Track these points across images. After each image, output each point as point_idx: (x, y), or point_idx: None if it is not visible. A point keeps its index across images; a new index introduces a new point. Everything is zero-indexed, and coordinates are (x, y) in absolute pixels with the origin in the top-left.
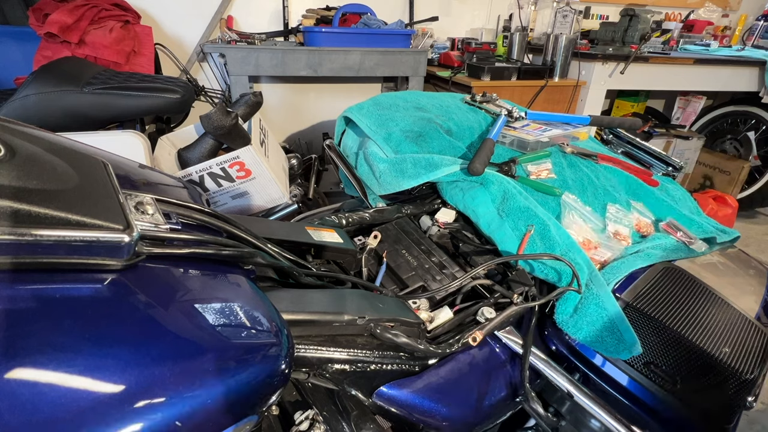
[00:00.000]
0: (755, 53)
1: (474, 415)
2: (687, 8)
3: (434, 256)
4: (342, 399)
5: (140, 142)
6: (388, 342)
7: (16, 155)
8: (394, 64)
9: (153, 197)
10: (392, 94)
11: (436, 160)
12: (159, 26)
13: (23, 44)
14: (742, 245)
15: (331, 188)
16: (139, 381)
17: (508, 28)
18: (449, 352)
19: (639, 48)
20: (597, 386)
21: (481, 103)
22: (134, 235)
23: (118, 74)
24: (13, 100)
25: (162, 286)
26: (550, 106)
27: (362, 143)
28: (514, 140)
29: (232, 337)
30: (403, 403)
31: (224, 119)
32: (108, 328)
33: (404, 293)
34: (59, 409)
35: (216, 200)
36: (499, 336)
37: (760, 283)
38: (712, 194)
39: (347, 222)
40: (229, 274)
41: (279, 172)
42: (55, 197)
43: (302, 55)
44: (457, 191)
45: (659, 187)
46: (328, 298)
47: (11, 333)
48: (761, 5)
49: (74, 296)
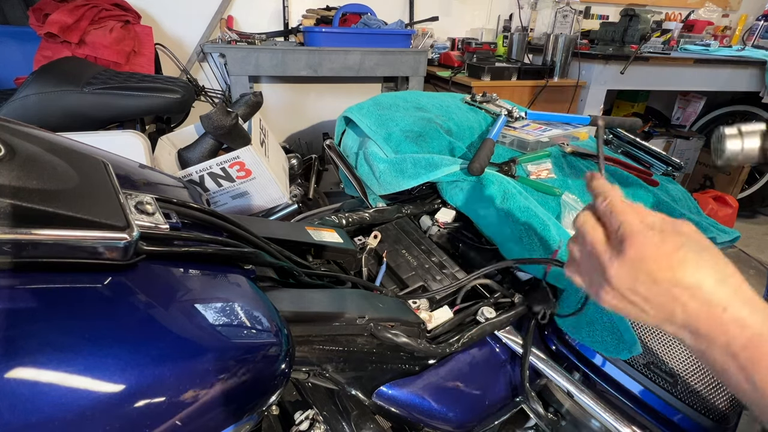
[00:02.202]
0: (755, 53)
1: (474, 414)
2: (687, 8)
3: (434, 256)
4: (342, 399)
5: (140, 142)
6: (388, 342)
7: (16, 155)
8: (394, 64)
9: (153, 197)
10: (392, 94)
11: (436, 160)
12: (159, 26)
13: (23, 44)
14: (742, 245)
15: (331, 188)
16: (139, 381)
17: (508, 28)
18: (449, 352)
19: (639, 48)
20: (597, 386)
21: (481, 103)
22: (134, 234)
23: (118, 74)
24: (13, 100)
25: (162, 285)
26: (550, 106)
27: (362, 143)
28: (514, 140)
29: (232, 337)
30: (403, 403)
31: (224, 119)
32: (108, 327)
33: (404, 293)
34: (59, 409)
35: (216, 200)
36: (499, 336)
37: (760, 283)
38: (712, 194)
39: (347, 222)
40: (229, 274)
41: (279, 172)
42: (56, 197)
43: (302, 55)
44: (457, 191)
45: (659, 187)
46: (328, 298)
47: (11, 333)
48: (761, 5)
49: (74, 296)
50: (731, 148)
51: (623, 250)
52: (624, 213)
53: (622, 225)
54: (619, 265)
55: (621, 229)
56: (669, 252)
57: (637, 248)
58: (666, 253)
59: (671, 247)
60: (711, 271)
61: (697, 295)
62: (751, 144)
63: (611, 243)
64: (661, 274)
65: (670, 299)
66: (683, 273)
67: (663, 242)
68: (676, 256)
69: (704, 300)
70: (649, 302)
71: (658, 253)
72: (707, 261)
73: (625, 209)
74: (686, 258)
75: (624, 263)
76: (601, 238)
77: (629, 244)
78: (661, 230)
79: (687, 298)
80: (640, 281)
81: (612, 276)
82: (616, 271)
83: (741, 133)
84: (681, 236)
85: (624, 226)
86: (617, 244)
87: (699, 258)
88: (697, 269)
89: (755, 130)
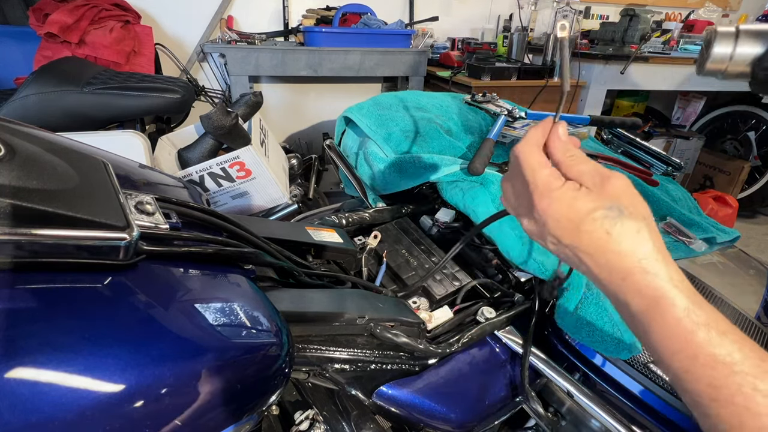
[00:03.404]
0: None
1: (474, 414)
2: (687, 8)
3: (434, 256)
4: (342, 399)
5: (140, 142)
6: (388, 342)
7: (16, 155)
8: (394, 64)
9: (153, 197)
10: (392, 94)
11: (436, 160)
12: (159, 26)
13: (23, 44)
14: (742, 245)
15: (331, 188)
16: (139, 381)
17: (508, 28)
18: (449, 352)
19: (639, 48)
20: (597, 386)
21: (481, 103)
22: (134, 234)
23: (118, 74)
24: (13, 100)
25: (162, 285)
26: (550, 106)
27: (362, 143)
28: (514, 140)
29: (232, 337)
30: (403, 403)
31: (224, 119)
32: (108, 327)
33: (404, 293)
34: (59, 409)
35: (216, 200)
36: (499, 336)
37: (760, 283)
38: (712, 194)
39: (347, 222)
40: (230, 274)
41: (279, 172)
42: (56, 197)
43: (302, 55)
44: (457, 191)
45: (659, 187)
46: (328, 298)
47: (11, 333)
48: (761, 5)
49: (74, 296)
50: (718, 51)
51: (534, 204)
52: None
53: None
54: (536, 215)
55: None
56: (580, 216)
57: (548, 204)
58: (574, 218)
59: (583, 212)
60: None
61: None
62: (746, 50)
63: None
64: (566, 239)
65: (577, 261)
66: (586, 243)
67: (576, 201)
68: (584, 225)
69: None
70: (560, 252)
71: (568, 213)
72: (624, 234)
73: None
74: (591, 228)
75: (538, 214)
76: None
77: (538, 197)
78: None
79: (591, 266)
80: (549, 235)
81: (534, 214)
82: (535, 213)
83: (738, 32)
84: (601, 199)
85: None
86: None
87: (613, 229)
88: (606, 241)
89: (760, 30)
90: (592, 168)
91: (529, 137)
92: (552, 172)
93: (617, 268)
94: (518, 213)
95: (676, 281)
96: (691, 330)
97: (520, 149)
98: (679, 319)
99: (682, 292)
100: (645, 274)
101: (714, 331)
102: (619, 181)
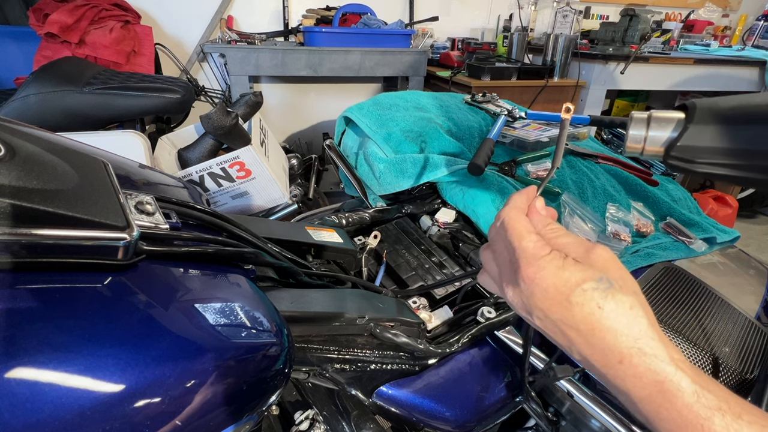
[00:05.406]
0: (755, 53)
1: (474, 414)
2: (687, 8)
3: (434, 256)
4: (342, 399)
5: (140, 142)
6: (388, 342)
7: (16, 155)
8: (394, 64)
9: (153, 197)
10: (392, 94)
11: (436, 160)
12: (159, 26)
13: (23, 44)
14: (742, 245)
15: (331, 188)
16: (139, 381)
17: (508, 28)
18: (449, 352)
19: (639, 48)
20: (597, 386)
21: (481, 103)
22: (134, 234)
23: (118, 74)
24: (13, 100)
25: (162, 285)
26: (550, 106)
27: (362, 143)
28: (514, 140)
29: (232, 337)
30: (403, 403)
31: (224, 119)
32: (108, 327)
33: (404, 293)
34: (59, 409)
35: (216, 200)
36: (499, 336)
37: (760, 283)
38: (712, 194)
39: (347, 222)
40: (229, 274)
41: (279, 172)
42: (56, 197)
43: (302, 55)
44: (457, 191)
45: (659, 187)
46: (328, 298)
47: (11, 333)
48: (761, 5)
49: (74, 296)
50: (633, 133)
51: (519, 272)
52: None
53: None
54: (521, 285)
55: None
56: (569, 287)
57: (535, 271)
58: (563, 289)
59: (572, 283)
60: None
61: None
62: (657, 133)
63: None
64: (554, 313)
65: (566, 342)
66: (577, 316)
67: (563, 271)
68: (574, 297)
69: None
70: (547, 329)
71: (556, 283)
72: (612, 312)
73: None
74: (581, 301)
75: (523, 284)
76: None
77: (525, 264)
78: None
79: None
80: (535, 309)
81: (519, 283)
82: (521, 284)
83: (650, 119)
84: (589, 270)
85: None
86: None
87: (601, 302)
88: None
89: (669, 117)
90: (575, 239)
91: (514, 202)
92: (539, 239)
93: (612, 349)
94: (501, 283)
95: (678, 361)
96: (706, 417)
97: (505, 214)
98: (690, 405)
99: (686, 373)
100: (643, 356)
101: (729, 416)
102: (604, 252)
